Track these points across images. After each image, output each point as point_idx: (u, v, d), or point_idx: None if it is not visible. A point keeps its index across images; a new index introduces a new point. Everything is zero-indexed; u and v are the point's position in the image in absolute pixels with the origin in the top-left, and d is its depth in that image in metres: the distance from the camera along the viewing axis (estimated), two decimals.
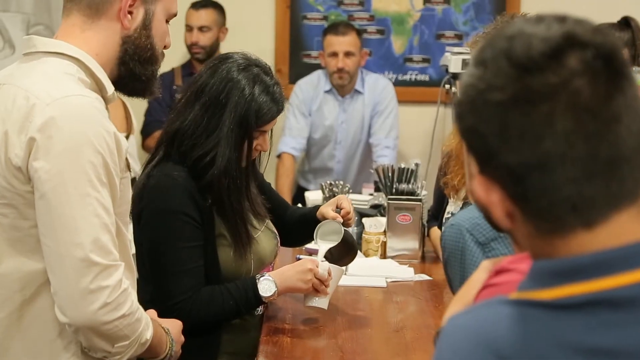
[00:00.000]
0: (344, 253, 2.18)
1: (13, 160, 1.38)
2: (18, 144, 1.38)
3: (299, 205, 3.15)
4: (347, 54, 3.95)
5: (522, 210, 0.83)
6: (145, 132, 4.08)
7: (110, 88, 1.51)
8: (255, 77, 1.97)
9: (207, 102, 1.95)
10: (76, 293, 1.37)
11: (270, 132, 2.07)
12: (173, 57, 4.27)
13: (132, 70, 1.54)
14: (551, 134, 0.79)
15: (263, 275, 2.00)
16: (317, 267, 2.03)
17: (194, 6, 4.12)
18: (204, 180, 1.95)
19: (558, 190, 0.80)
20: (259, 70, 1.99)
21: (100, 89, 1.49)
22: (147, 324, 1.50)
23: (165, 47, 1.61)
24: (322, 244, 2.17)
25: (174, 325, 1.68)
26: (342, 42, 3.95)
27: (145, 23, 1.54)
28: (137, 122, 3.98)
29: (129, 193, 1.54)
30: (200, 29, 4.12)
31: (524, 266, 1.04)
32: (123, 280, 1.42)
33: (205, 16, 4.13)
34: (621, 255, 0.80)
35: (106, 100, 1.52)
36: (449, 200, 2.66)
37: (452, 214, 2.63)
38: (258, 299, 1.98)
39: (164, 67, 4.22)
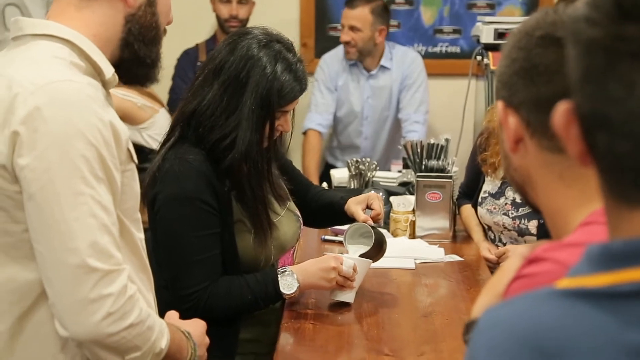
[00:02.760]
0: (373, 254, 2.10)
1: None
2: (1, 140, 1.23)
3: (324, 183, 3.05)
4: (352, 28, 3.83)
5: (594, 160, 0.73)
6: (170, 111, 4.01)
7: (109, 71, 1.36)
8: (277, 54, 1.86)
9: (227, 81, 1.84)
10: (75, 304, 1.23)
11: (292, 111, 1.97)
12: (198, 32, 4.19)
13: (137, 52, 1.39)
14: (630, 97, 0.67)
15: (285, 271, 1.90)
16: (342, 263, 1.94)
17: None
18: (223, 164, 1.84)
19: (623, 159, 0.69)
20: (280, 47, 1.88)
21: (98, 73, 1.35)
22: (162, 332, 1.35)
23: (167, 23, 1.46)
24: (351, 248, 2.09)
25: (196, 327, 1.53)
26: (349, 16, 3.83)
27: None
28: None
29: (136, 186, 1.39)
30: (240, 1, 4.04)
31: (560, 255, 0.93)
32: (129, 285, 1.28)
33: None
34: None
35: (106, 84, 1.37)
36: (486, 178, 2.54)
37: (490, 194, 2.52)
38: (278, 295, 1.89)
39: (188, 43, 4.20)
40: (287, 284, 1.88)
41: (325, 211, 2.24)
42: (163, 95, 3.97)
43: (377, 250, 2.09)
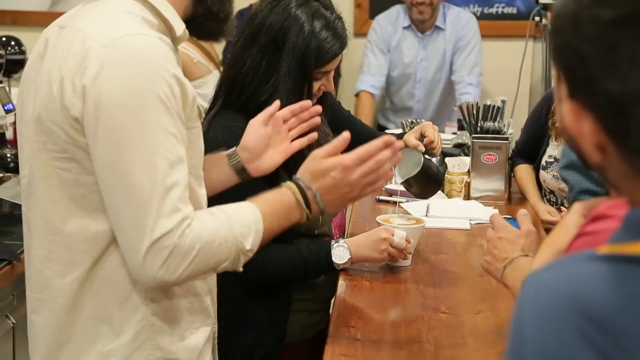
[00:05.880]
0: (424, 184, 2.08)
1: (70, 111, 1.26)
2: (74, 93, 1.26)
3: None
4: None
5: (618, 145, 0.73)
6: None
7: (179, 28, 1.38)
8: (315, 13, 1.83)
9: (265, 43, 1.83)
10: (140, 256, 1.25)
11: (337, 68, 1.91)
12: None
13: (210, 8, 1.41)
14: None
15: (338, 242, 1.92)
16: (393, 235, 1.93)
17: None
18: None
19: None
20: (318, 5, 1.85)
21: (168, 29, 1.36)
22: (243, 235, 1.33)
23: None
24: (399, 173, 2.07)
25: (303, 172, 1.45)
26: None
27: None
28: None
29: (201, 143, 1.41)
30: None
31: (624, 212, 0.94)
32: (189, 233, 1.28)
33: None
34: None
35: (175, 41, 1.38)
36: (551, 142, 2.52)
37: (557, 160, 2.50)
38: (330, 266, 1.91)
39: (242, 3, 4.20)
40: (339, 255, 1.90)
41: None
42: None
43: (428, 178, 2.05)
